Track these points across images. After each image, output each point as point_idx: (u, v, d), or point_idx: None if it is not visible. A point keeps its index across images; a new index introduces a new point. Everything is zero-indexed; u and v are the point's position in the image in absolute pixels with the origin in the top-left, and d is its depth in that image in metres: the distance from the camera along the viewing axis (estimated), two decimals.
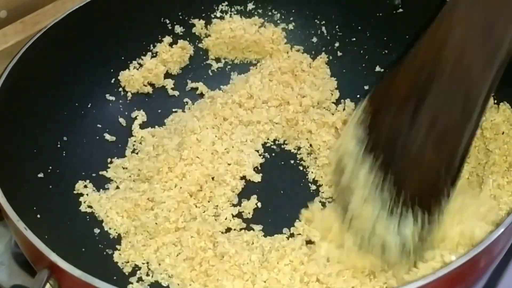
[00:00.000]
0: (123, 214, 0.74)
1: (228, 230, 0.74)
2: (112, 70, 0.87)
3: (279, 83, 0.88)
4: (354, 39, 0.91)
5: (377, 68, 0.89)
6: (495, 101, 0.77)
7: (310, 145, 0.82)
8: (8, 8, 0.86)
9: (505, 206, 0.66)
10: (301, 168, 0.81)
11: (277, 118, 0.84)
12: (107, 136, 0.83)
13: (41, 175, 0.74)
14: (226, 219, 0.74)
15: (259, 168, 0.80)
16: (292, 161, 0.82)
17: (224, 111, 0.84)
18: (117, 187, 0.78)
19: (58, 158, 0.77)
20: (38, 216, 0.68)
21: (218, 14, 0.92)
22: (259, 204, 0.77)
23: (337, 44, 0.91)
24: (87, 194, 0.76)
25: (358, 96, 0.88)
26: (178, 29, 0.90)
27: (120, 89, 0.87)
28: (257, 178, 0.79)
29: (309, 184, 0.79)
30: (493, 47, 0.61)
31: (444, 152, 0.63)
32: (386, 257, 0.65)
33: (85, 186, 0.77)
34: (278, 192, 0.79)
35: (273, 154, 0.83)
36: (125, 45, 0.87)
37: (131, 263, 0.71)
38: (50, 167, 0.75)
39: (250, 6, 0.92)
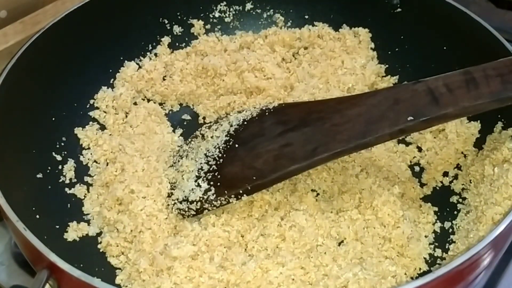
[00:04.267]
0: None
1: None
2: (111, 71, 0.87)
3: None
4: None
5: None
6: None
7: None
8: (8, 8, 0.86)
9: (504, 206, 0.66)
10: None
11: None
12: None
13: (40, 175, 0.74)
14: None
15: None
16: None
17: None
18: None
19: (58, 158, 0.77)
20: (37, 216, 0.68)
21: (217, 14, 0.92)
22: None
23: None
24: (85, 195, 0.76)
25: None
26: (177, 29, 0.90)
27: None
28: None
29: None
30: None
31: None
32: None
33: (86, 188, 0.77)
34: None
35: None
36: (124, 45, 0.87)
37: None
38: (50, 167, 0.76)
39: (249, 6, 0.93)
